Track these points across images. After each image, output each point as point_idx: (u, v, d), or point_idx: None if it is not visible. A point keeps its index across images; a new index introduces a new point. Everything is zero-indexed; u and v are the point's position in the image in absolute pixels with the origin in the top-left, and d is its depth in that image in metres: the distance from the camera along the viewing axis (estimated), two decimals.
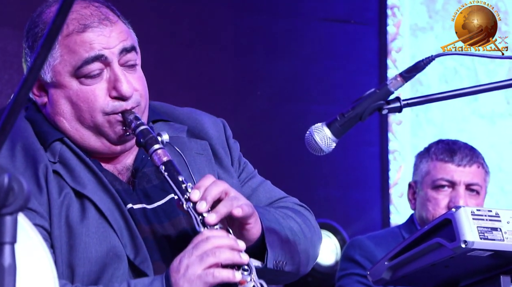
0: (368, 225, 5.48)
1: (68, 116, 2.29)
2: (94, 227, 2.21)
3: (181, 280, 2.12)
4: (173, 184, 2.19)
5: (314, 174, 5.52)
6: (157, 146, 2.21)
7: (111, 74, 2.26)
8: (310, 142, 2.26)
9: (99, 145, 2.30)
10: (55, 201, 2.21)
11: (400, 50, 5.80)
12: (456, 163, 3.69)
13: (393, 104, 2.24)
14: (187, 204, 2.17)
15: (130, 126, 2.25)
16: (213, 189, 2.19)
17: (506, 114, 5.82)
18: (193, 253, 2.14)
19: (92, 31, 2.25)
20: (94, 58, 2.24)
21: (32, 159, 2.23)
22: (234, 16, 5.48)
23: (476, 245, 2.28)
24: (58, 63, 2.26)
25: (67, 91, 2.27)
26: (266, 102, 5.49)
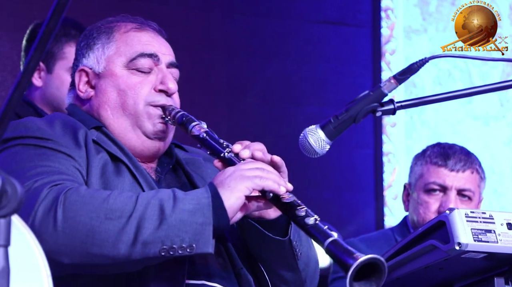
0: (362, 227, 5.48)
1: (113, 103, 2.46)
2: (128, 185, 2.34)
3: (227, 179, 2.22)
4: (214, 143, 2.36)
5: (308, 176, 5.52)
6: (195, 123, 2.42)
7: (160, 73, 2.48)
8: (304, 144, 2.26)
9: (134, 137, 2.45)
10: (93, 156, 2.35)
11: (394, 52, 5.81)
12: (449, 168, 3.67)
13: (387, 106, 2.24)
14: (229, 154, 2.32)
15: (171, 114, 2.44)
16: (255, 144, 2.35)
17: (500, 116, 5.83)
18: (242, 166, 2.26)
19: (148, 33, 2.52)
20: (149, 55, 2.47)
21: (71, 128, 2.40)
22: (227, 18, 5.48)
23: (470, 247, 2.29)
24: (113, 53, 2.48)
25: (117, 79, 2.46)
26: (260, 104, 5.48)
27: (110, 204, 2.16)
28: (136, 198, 2.18)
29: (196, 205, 2.17)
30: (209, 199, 2.18)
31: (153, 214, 2.16)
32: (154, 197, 2.19)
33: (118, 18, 2.57)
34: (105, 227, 2.14)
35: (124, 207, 2.16)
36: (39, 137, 2.33)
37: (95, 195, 2.18)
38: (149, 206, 2.17)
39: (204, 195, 2.19)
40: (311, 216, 2.22)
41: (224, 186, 2.20)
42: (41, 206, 2.16)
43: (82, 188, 2.20)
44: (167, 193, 2.20)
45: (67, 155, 2.31)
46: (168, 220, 2.15)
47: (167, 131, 2.47)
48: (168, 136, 2.49)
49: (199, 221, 2.16)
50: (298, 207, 2.23)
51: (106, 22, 2.56)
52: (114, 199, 2.17)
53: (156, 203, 2.17)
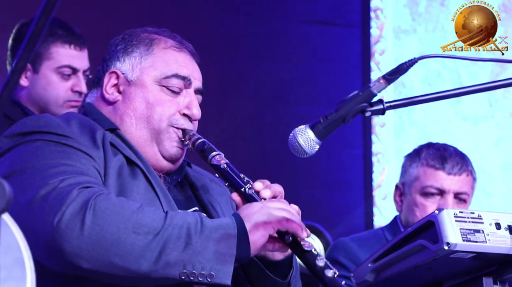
0: (352, 227, 5.49)
1: (139, 113, 2.48)
2: (143, 189, 2.36)
3: (254, 215, 2.23)
4: (234, 175, 2.38)
5: (297, 176, 5.52)
6: (215, 153, 2.46)
7: (187, 96, 2.53)
8: (293, 144, 2.27)
9: (150, 151, 2.48)
10: (110, 157, 2.36)
11: (383, 52, 5.82)
12: (446, 171, 3.68)
13: (376, 106, 2.25)
14: (250, 190, 2.34)
15: (191, 139, 2.48)
16: (276, 186, 2.39)
17: (489, 116, 5.85)
18: (268, 203, 2.28)
19: (186, 55, 2.57)
20: (183, 77, 2.52)
21: (89, 128, 2.41)
22: (218, 18, 5.48)
23: (459, 247, 2.29)
24: (149, 66, 2.51)
25: (147, 92, 2.50)
26: (249, 104, 5.49)
27: (139, 218, 2.17)
28: (165, 217, 2.19)
29: (222, 234, 2.19)
30: (235, 230, 2.20)
31: (179, 236, 2.17)
32: (183, 219, 2.20)
33: (159, 31, 2.60)
34: (131, 241, 2.15)
35: (152, 224, 2.17)
36: (60, 133, 2.33)
37: (125, 205, 2.19)
38: (176, 227, 2.18)
39: (231, 226, 2.21)
40: (331, 269, 2.25)
41: (251, 220, 2.22)
42: (70, 207, 2.15)
43: (113, 196, 2.21)
44: (195, 218, 2.21)
45: (87, 154, 2.32)
46: (193, 245, 2.17)
47: (182, 155, 2.51)
48: (181, 159, 2.53)
49: (223, 251, 2.18)
50: (318, 257, 2.26)
51: (146, 32, 2.58)
52: (143, 214, 2.18)
53: (184, 226, 2.18)
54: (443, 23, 5.87)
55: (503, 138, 5.85)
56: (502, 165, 5.84)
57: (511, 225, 2.35)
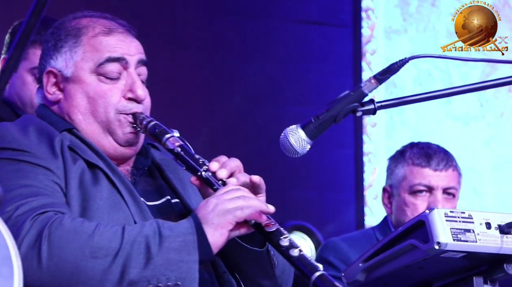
0: (343, 226, 5.49)
1: (83, 109, 2.43)
2: (106, 193, 2.32)
3: (210, 214, 2.22)
4: (189, 159, 2.35)
5: (289, 176, 5.52)
6: (169, 135, 2.40)
7: (128, 78, 2.45)
8: (284, 144, 2.27)
9: (106, 143, 2.43)
10: (70, 166, 2.32)
11: (374, 52, 5.83)
12: (433, 168, 3.70)
13: (367, 106, 2.25)
14: (206, 173, 2.32)
15: (142, 123, 2.42)
16: (231, 162, 2.36)
17: (479, 116, 5.86)
18: (223, 196, 2.25)
19: (116, 36, 2.47)
20: (116, 59, 2.44)
21: (47, 135, 2.36)
22: (209, 18, 5.47)
23: (449, 247, 2.30)
24: (81, 59, 2.44)
25: (86, 86, 2.43)
26: (241, 104, 5.48)
27: (96, 242, 2.15)
28: (122, 234, 2.17)
29: (181, 242, 2.18)
30: (194, 235, 2.19)
31: (139, 253, 2.16)
32: (140, 233, 2.18)
33: (86, 14, 2.52)
34: (91, 266, 2.13)
35: (109, 245, 2.16)
36: (15, 148, 2.29)
37: (79, 230, 2.16)
38: (135, 244, 2.16)
39: (189, 231, 2.20)
40: (296, 247, 2.24)
41: (208, 222, 2.21)
42: (25, 240, 2.13)
43: (67, 221, 2.18)
44: (153, 229, 2.20)
45: (45, 168, 2.28)
46: (154, 259, 2.16)
47: (138, 138, 2.46)
48: (140, 141, 2.48)
49: (185, 259, 2.17)
50: (282, 237, 2.25)
51: (73, 21, 2.50)
52: (99, 236, 2.16)
53: (142, 241, 2.17)
54: (434, 23, 5.88)
55: (494, 138, 5.86)
56: (493, 165, 5.85)
57: (501, 225, 2.36)
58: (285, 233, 2.26)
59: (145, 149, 2.52)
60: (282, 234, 2.26)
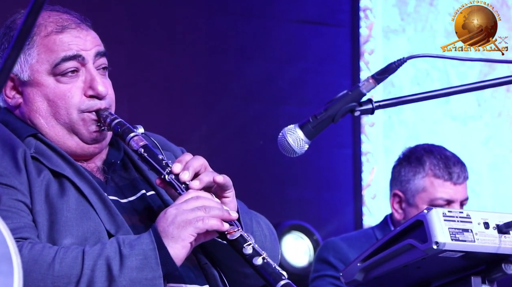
0: (341, 226, 5.49)
1: (44, 113, 2.37)
2: (74, 204, 2.27)
3: (170, 227, 2.18)
4: (153, 161, 2.30)
5: (287, 176, 5.52)
6: (133, 134, 2.34)
7: (87, 75, 2.37)
8: (282, 143, 2.26)
9: (73, 143, 2.38)
10: (34, 179, 2.26)
11: (372, 52, 5.83)
12: (453, 182, 3.72)
13: (365, 106, 2.25)
14: (170, 176, 2.27)
15: (106, 121, 2.36)
16: (194, 162, 2.29)
17: (477, 116, 5.86)
18: (182, 206, 2.21)
19: (70, 32, 2.37)
20: (72, 57, 2.35)
21: (10, 146, 2.29)
22: (207, 17, 5.47)
23: (448, 246, 2.30)
24: (36, 61, 2.36)
25: (44, 89, 2.36)
26: (239, 103, 5.48)
27: (56, 270, 2.12)
28: (82, 258, 2.14)
29: (143, 260, 2.15)
30: (155, 251, 2.16)
31: (101, 276, 2.13)
32: (100, 256, 2.15)
33: None
34: None
35: (71, 272, 2.13)
36: None
37: (39, 259, 2.12)
38: (96, 268, 2.14)
39: (150, 247, 2.16)
40: (259, 255, 2.21)
41: (168, 235, 2.17)
42: None
43: (25, 251, 2.12)
44: (113, 249, 2.16)
45: (8, 186, 2.22)
46: (117, 281, 2.13)
47: (104, 135, 2.41)
48: (106, 137, 2.43)
49: (148, 276, 2.15)
50: (245, 245, 2.22)
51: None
52: (59, 264, 2.13)
53: (103, 264, 2.14)
54: (432, 23, 5.88)
55: (492, 138, 5.86)
56: (491, 165, 5.85)
57: (499, 225, 2.36)
58: (249, 240, 2.23)
59: (116, 142, 2.46)
60: (245, 241, 2.23)
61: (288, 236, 5.22)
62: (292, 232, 5.23)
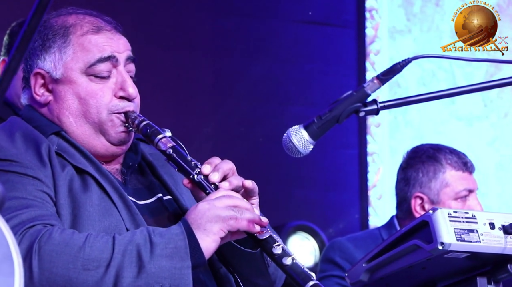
0: (347, 227, 5.49)
1: (74, 111, 2.40)
2: (96, 200, 2.30)
3: (202, 220, 2.20)
4: (182, 161, 2.33)
5: (293, 176, 5.52)
6: (161, 136, 2.39)
7: (118, 76, 2.43)
8: (287, 144, 2.26)
9: (98, 143, 2.41)
10: (58, 174, 2.29)
11: (378, 52, 5.82)
12: (469, 171, 3.77)
13: (370, 107, 2.25)
14: (198, 176, 2.30)
15: (134, 123, 2.40)
16: (224, 165, 2.33)
17: (483, 117, 5.85)
18: (215, 202, 2.23)
19: (105, 34, 2.43)
20: (106, 58, 2.40)
21: (34, 141, 2.33)
22: (212, 18, 5.48)
23: (453, 247, 2.29)
24: (70, 59, 2.40)
25: (76, 87, 2.40)
26: (244, 104, 5.49)
27: (87, 253, 2.14)
28: (113, 243, 2.16)
29: (173, 249, 2.17)
30: (186, 241, 2.18)
31: (131, 262, 2.15)
32: (131, 242, 2.17)
33: (71, 11, 2.47)
34: (83, 278, 2.12)
35: (101, 256, 2.14)
36: (2, 159, 2.26)
37: (70, 242, 2.15)
38: (126, 253, 2.15)
39: (180, 237, 2.18)
40: (288, 255, 2.23)
41: (199, 228, 2.20)
42: None
43: (56, 234, 2.15)
44: (143, 237, 2.18)
45: (34, 177, 2.26)
46: (146, 267, 2.15)
47: (130, 137, 2.44)
48: (131, 139, 2.46)
49: (177, 266, 2.16)
50: (275, 245, 2.24)
51: (59, 19, 2.44)
52: (90, 247, 2.15)
53: (133, 250, 2.16)
54: (438, 23, 5.87)
55: (498, 138, 5.85)
56: (497, 165, 5.84)
57: (505, 225, 2.36)
58: (278, 241, 2.25)
59: (134, 145, 2.50)
60: (275, 241, 2.24)
61: (294, 236, 5.22)
62: (298, 232, 5.23)
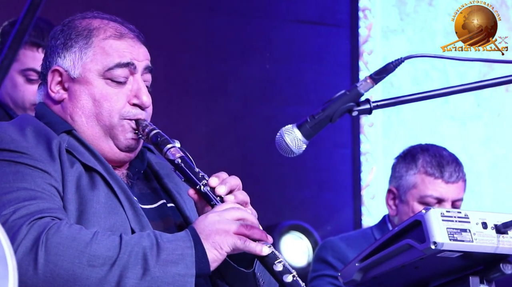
0: (340, 226, 5.49)
1: (87, 111, 2.43)
2: (103, 197, 2.32)
3: (211, 231, 2.21)
4: (189, 172, 2.35)
5: (286, 176, 5.52)
6: (170, 145, 2.40)
7: (135, 83, 2.46)
8: (280, 143, 2.26)
9: (106, 147, 2.44)
10: (67, 169, 2.31)
11: (371, 52, 5.83)
12: (445, 180, 3.69)
13: (363, 106, 2.25)
14: (205, 187, 2.32)
15: (144, 131, 2.42)
16: (231, 180, 2.35)
17: (477, 116, 5.86)
18: (224, 213, 2.24)
19: (127, 41, 2.47)
20: (125, 64, 2.44)
21: (45, 137, 2.35)
22: (206, 17, 5.47)
23: (446, 246, 2.30)
24: (90, 61, 2.44)
25: (92, 88, 2.43)
26: (238, 103, 5.48)
27: (93, 250, 2.15)
28: (120, 243, 2.17)
29: (179, 255, 2.18)
30: (193, 249, 2.19)
31: (136, 263, 2.16)
32: (138, 244, 2.18)
33: (96, 15, 2.52)
34: (87, 274, 2.13)
35: (107, 253, 2.15)
36: (13, 150, 2.28)
37: (77, 237, 2.16)
38: (132, 254, 2.16)
39: (187, 245, 2.19)
40: (289, 273, 2.24)
41: (208, 239, 2.21)
42: (22, 245, 2.13)
43: (64, 228, 2.17)
44: (151, 240, 2.20)
45: (43, 170, 2.28)
46: (151, 271, 2.15)
47: (138, 144, 2.46)
48: (139, 147, 2.48)
49: (181, 272, 2.17)
50: (276, 262, 2.25)
51: (84, 21, 2.49)
52: (97, 244, 2.16)
53: (139, 251, 2.17)
54: (431, 23, 5.88)
55: (491, 137, 5.86)
56: (490, 165, 5.85)
57: (497, 225, 2.36)
58: (280, 257, 2.26)
59: (141, 153, 2.52)
60: (276, 258, 2.25)
61: (287, 236, 5.22)
62: (291, 232, 5.23)
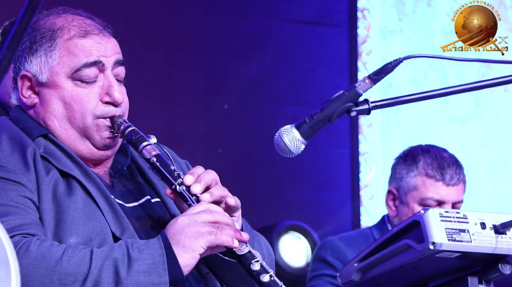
0: (339, 227, 5.49)
1: (59, 115, 2.39)
2: (81, 204, 2.29)
3: (181, 235, 2.20)
4: (165, 171, 2.32)
5: (285, 176, 5.52)
6: (146, 143, 2.36)
7: (105, 81, 2.40)
8: (279, 144, 2.26)
9: (83, 147, 2.40)
10: (43, 178, 2.28)
11: (370, 52, 5.83)
12: (446, 183, 3.70)
13: (361, 106, 2.25)
14: (181, 187, 2.29)
15: (119, 128, 2.38)
16: (206, 175, 2.31)
17: (475, 116, 5.86)
18: (195, 217, 2.22)
19: (92, 38, 2.40)
20: (93, 63, 2.38)
21: (19, 145, 2.32)
22: (205, 17, 5.47)
23: (444, 247, 2.30)
24: (56, 64, 2.39)
25: (62, 92, 2.39)
26: (236, 103, 5.48)
27: (64, 267, 2.13)
28: (90, 258, 2.15)
29: (151, 264, 2.16)
30: (164, 257, 2.17)
31: (108, 277, 2.14)
32: (108, 257, 2.16)
33: (61, 12, 2.45)
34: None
35: (78, 270, 2.13)
36: None
37: (47, 255, 2.14)
38: (103, 268, 2.14)
39: (158, 252, 2.17)
40: (266, 272, 2.23)
41: (178, 244, 2.19)
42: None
43: (34, 247, 2.14)
44: (122, 252, 2.17)
45: (16, 182, 2.24)
46: (123, 283, 2.14)
47: (116, 141, 2.43)
48: (117, 143, 2.45)
49: (155, 281, 2.15)
50: (253, 261, 2.24)
51: (48, 21, 2.43)
52: (67, 261, 2.14)
53: (110, 265, 2.15)
54: (430, 23, 5.88)
55: (490, 138, 5.87)
56: (489, 165, 5.86)
57: (496, 225, 2.36)
58: (257, 257, 2.25)
59: (124, 148, 2.49)
60: (253, 257, 2.24)
61: (286, 236, 5.22)
62: (289, 232, 5.23)
